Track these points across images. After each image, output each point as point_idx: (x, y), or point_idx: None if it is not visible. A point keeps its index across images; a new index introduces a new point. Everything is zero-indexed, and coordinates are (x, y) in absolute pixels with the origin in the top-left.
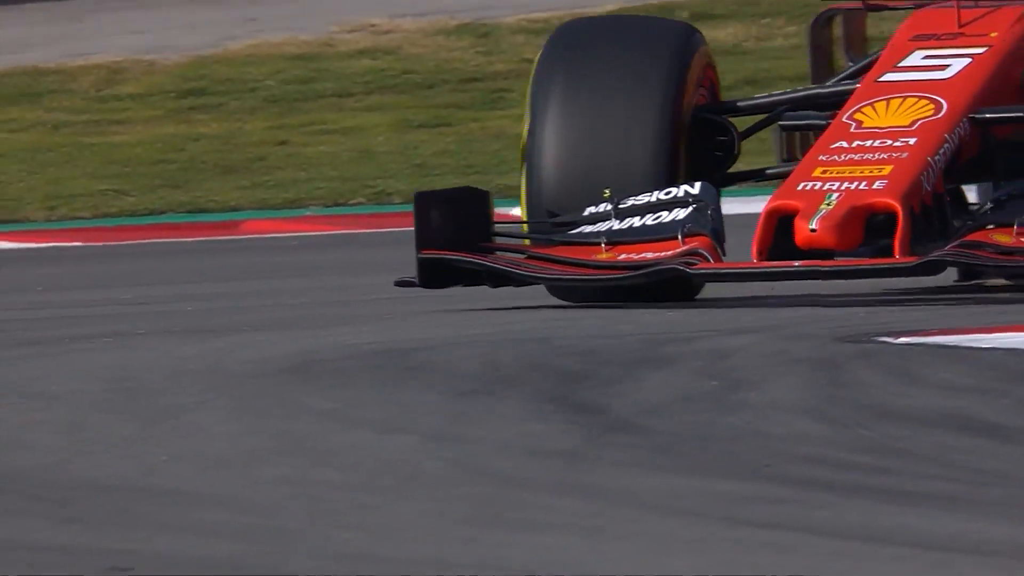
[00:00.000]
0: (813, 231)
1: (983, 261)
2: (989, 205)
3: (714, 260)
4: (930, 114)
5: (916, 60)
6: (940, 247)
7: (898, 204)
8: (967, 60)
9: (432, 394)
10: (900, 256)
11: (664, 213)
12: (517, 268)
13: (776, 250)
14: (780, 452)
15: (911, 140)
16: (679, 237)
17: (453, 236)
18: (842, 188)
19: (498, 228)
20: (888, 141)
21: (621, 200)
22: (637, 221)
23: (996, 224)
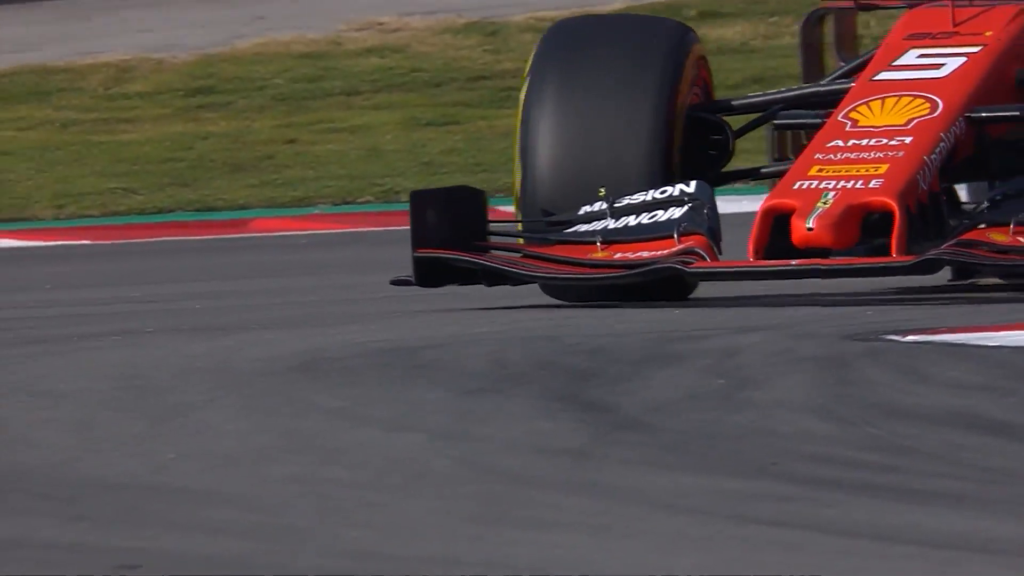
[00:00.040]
0: (810, 230)
1: (980, 260)
2: (985, 204)
3: (710, 259)
4: (926, 113)
5: (911, 59)
6: (937, 246)
7: (894, 203)
8: (962, 59)
9: (440, 392)
10: (897, 255)
11: (660, 212)
12: (513, 267)
13: (772, 249)
14: (787, 450)
15: (907, 139)
16: (675, 236)
17: (449, 235)
18: (838, 187)
19: (494, 227)
20: (884, 140)
21: (616, 199)
22: (632, 220)
23: (992, 223)
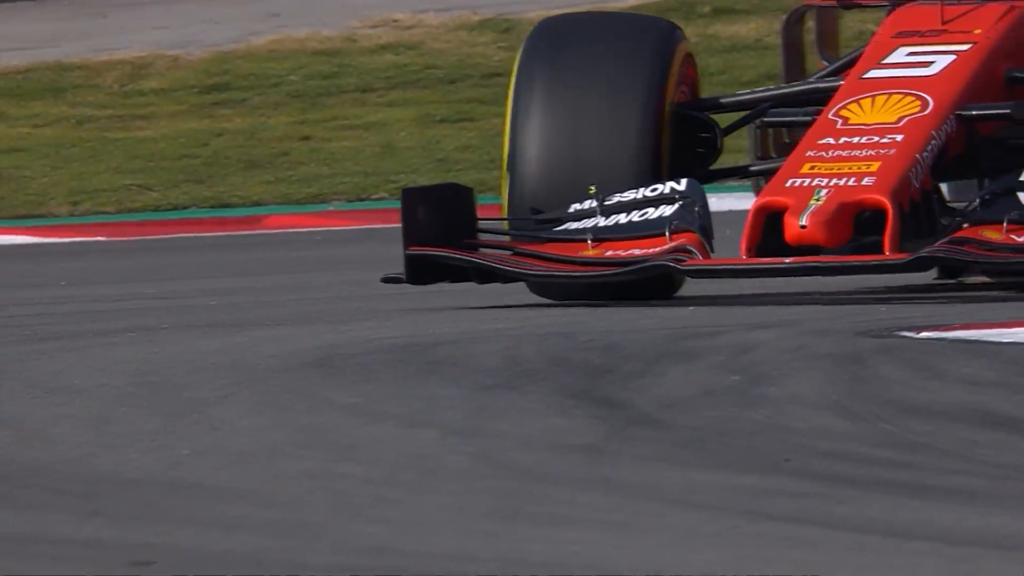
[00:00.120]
0: (803, 227)
1: (974, 258)
2: (977, 202)
3: (703, 257)
4: (916, 111)
5: (900, 57)
6: (930, 244)
7: (887, 201)
8: (952, 57)
9: (454, 388)
10: (890, 253)
11: (650, 210)
12: (504, 264)
13: (764, 246)
14: (801, 447)
15: (898, 137)
16: (667, 234)
17: (440, 232)
18: (831, 184)
19: (485, 225)
20: (875, 138)
21: (607, 197)
22: (623, 218)
23: (985, 221)
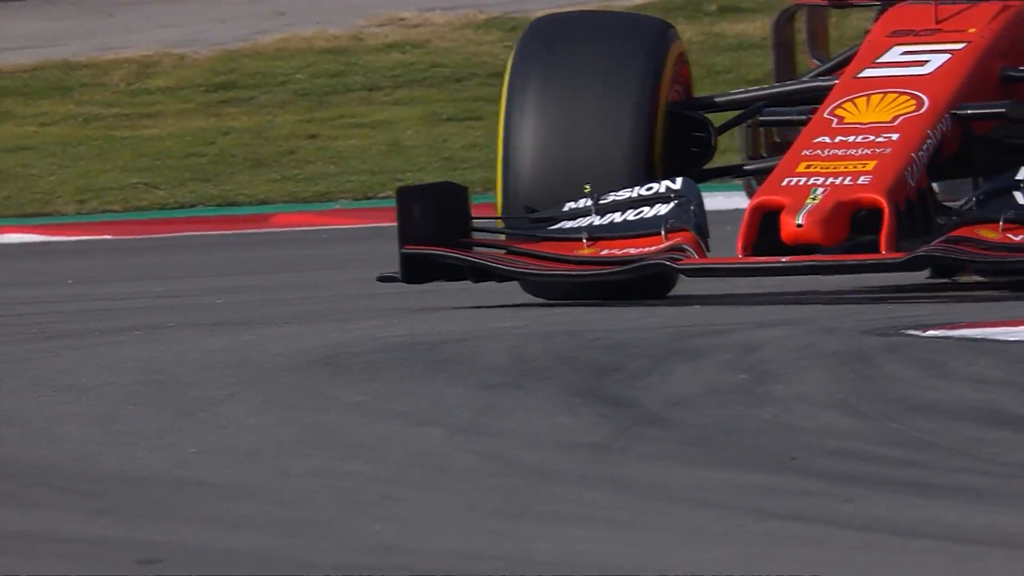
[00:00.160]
0: (799, 226)
1: (970, 257)
2: (973, 201)
3: (699, 255)
4: (911, 110)
5: (895, 56)
6: (926, 243)
7: (884, 200)
8: (946, 56)
9: (461, 387)
10: (887, 252)
11: (646, 209)
12: (500, 263)
13: (760, 245)
14: (808, 445)
15: (894, 136)
16: (662, 232)
17: (435, 231)
18: (827, 183)
19: (479, 223)
20: (871, 137)
21: (601, 195)
22: (618, 216)
23: (981, 220)
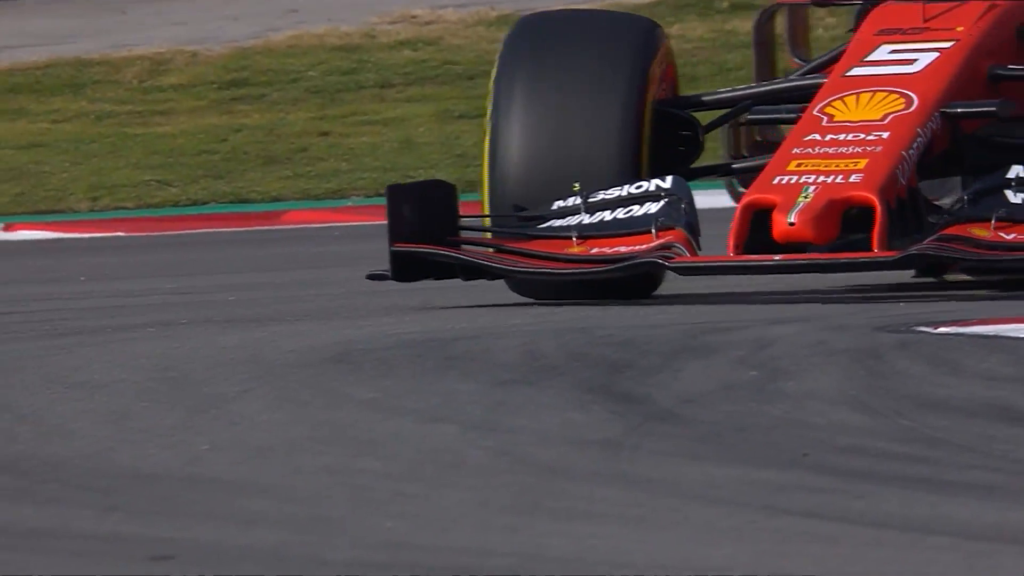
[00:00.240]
0: (792, 224)
1: (962, 255)
2: (965, 199)
3: (690, 254)
4: (901, 108)
5: (883, 55)
6: (918, 241)
7: (875, 198)
8: (935, 54)
9: (473, 384)
10: (879, 250)
11: (635, 207)
12: (491, 261)
13: (751, 244)
14: (819, 442)
15: (884, 134)
16: (653, 231)
17: (425, 229)
18: (818, 181)
19: (470, 222)
20: (861, 135)
21: (591, 194)
22: (608, 215)
23: (973, 218)
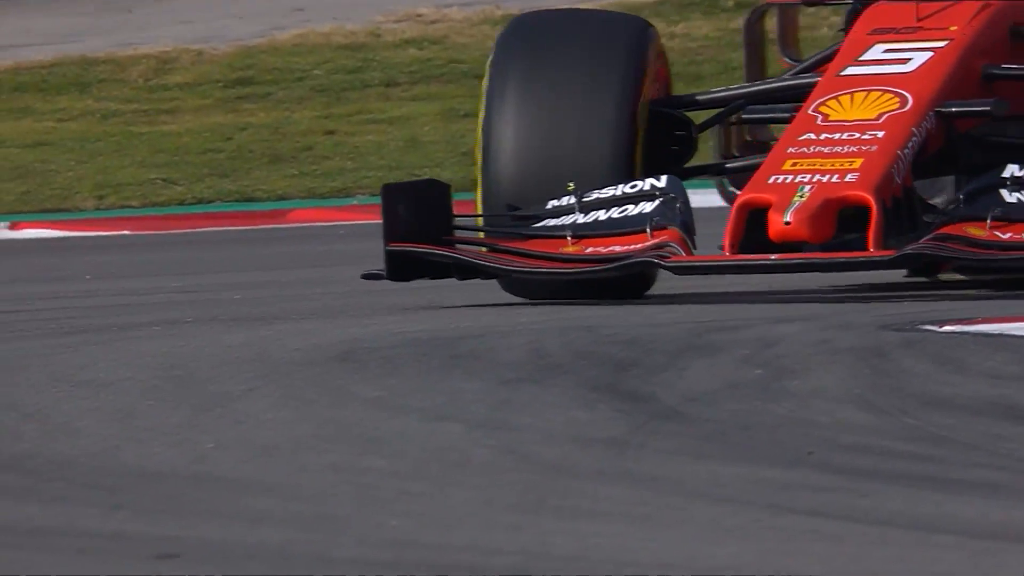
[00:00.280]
0: (787, 224)
1: (959, 254)
2: (961, 198)
3: (685, 253)
4: (896, 107)
5: (877, 54)
6: (914, 240)
7: (871, 197)
8: (929, 54)
9: (478, 382)
10: (875, 249)
11: (630, 206)
12: (486, 261)
13: (746, 243)
14: (824, 440)
15: (879, 133)
16: (648, 230)
17: (420, 228)
18: (814, 180)
19: (464, 221)
20: (856, 134)
21: (585, 193)
22: (603, 214)
23: (968, 217)
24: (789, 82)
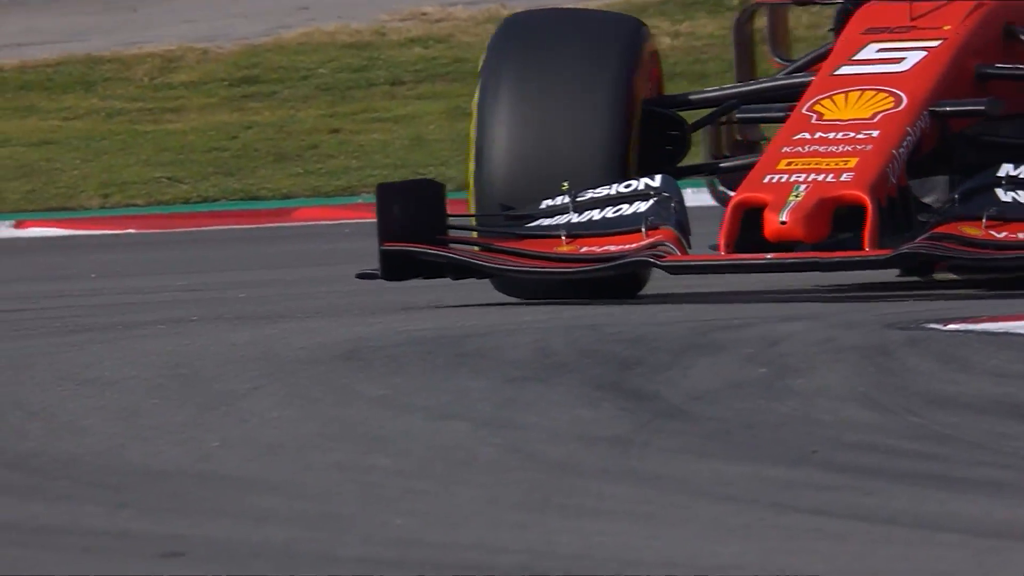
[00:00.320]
0: (783, 223)
1: (955, 254)
2: (956, 197)
3: (680, 253)
4: (890, 107)
5: (871, 53)
6: (910, 240)
7: (867, 196)
8: (922, 53)
9: (484, 380)
10: (870, 249)
11: (624, 206)
12: (481, 260)
13: (741, 242)
14: (829, 439)
15: (874, 132)
16: (642, 230)
17: (415, 228)
18: (809, 180)
19: (458, 221)
20: (851, 133)
21: (579, 193)
22: (597, 214)
23: (964, 217)
24: (782, 82)
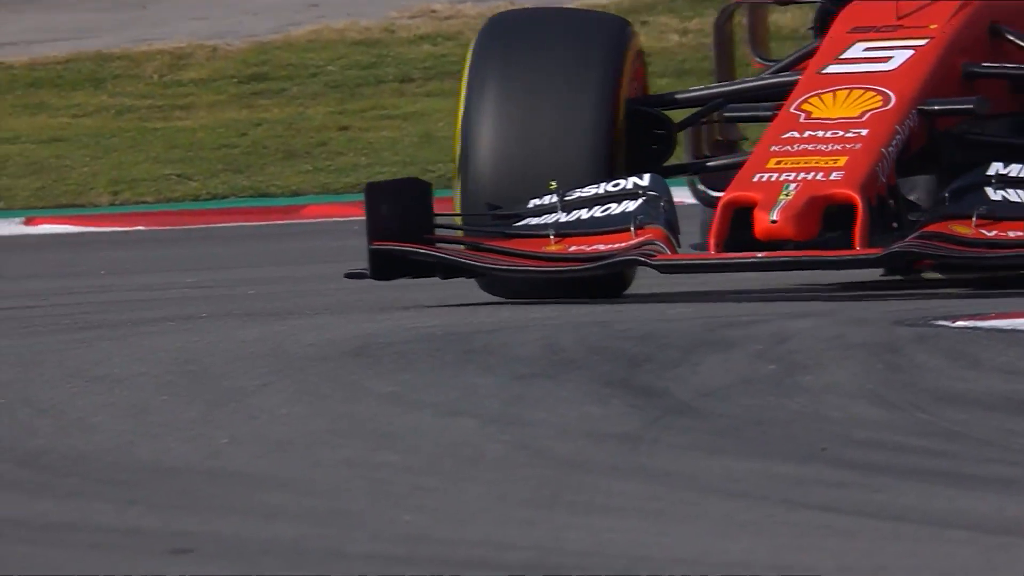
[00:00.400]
0: (774, 222)
1: (945, 252)
2: (946, 196)
3: (670, 252)
4: (879, 106)
5: (858, 52)
6: (900, 239)
7: (857, 195)
8: (910, 52)
9: (492, 377)
10: (860, 248)
11: (613, 205)
12: (470, 259)
13: (730, 241)
14: (838, 436)
15: (863, 131)
16: (631, 229)
17: (404, 227)
18: (799, 179)
19: (447, 220)
20: (840, 132)
21: (567, 192)
22: (585, 213)
23: (954, 215)
24: (768, 81)
